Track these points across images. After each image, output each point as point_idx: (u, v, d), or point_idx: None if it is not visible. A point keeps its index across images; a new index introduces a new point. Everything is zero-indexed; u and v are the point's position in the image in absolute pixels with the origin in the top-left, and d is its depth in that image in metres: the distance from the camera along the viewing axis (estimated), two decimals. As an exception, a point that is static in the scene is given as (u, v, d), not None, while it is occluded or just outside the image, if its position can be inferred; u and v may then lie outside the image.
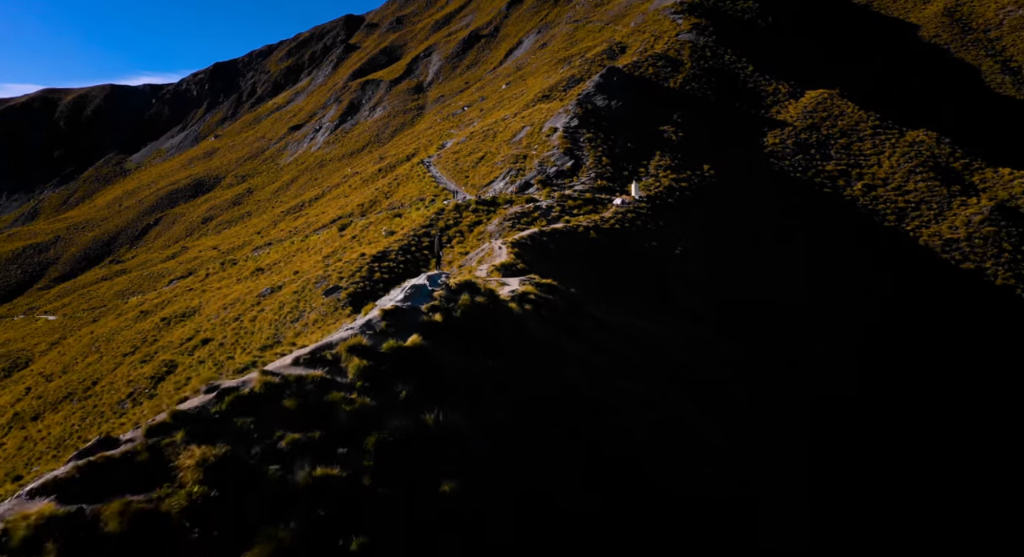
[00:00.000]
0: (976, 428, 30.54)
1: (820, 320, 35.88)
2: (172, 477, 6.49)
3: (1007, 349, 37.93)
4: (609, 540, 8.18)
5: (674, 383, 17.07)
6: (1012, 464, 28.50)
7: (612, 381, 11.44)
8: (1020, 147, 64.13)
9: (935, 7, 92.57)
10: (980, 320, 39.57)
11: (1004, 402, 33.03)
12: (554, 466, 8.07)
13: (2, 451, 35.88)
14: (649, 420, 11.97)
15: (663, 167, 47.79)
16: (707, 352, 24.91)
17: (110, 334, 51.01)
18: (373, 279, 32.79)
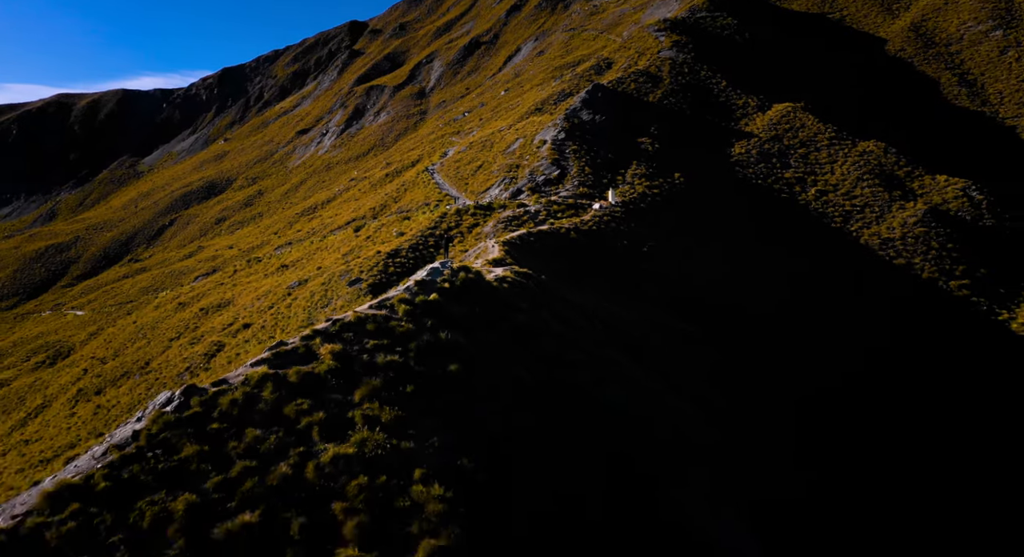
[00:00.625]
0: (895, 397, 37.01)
1: (767, 307, 42.36)
2: (319, 358, 13.02)
3: (933, 331, 44.39)
4: (551, 409, 14.72)
5: (615, 345, 23.61)
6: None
7: (553, 325, 17.90)
8: (964, 154, 70.61)
9: (902, 22, 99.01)
10: (910, 309, 46.09)
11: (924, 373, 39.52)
12: (516, 361, 14.59)
13: (78, 418, 42.53)
14: (588, 355, 18.49)
15: (638, 175, 54.33)
16: (657, 327, 31.40)
17: (153, 323, 57.65)
18: (388, 272, 39.35)
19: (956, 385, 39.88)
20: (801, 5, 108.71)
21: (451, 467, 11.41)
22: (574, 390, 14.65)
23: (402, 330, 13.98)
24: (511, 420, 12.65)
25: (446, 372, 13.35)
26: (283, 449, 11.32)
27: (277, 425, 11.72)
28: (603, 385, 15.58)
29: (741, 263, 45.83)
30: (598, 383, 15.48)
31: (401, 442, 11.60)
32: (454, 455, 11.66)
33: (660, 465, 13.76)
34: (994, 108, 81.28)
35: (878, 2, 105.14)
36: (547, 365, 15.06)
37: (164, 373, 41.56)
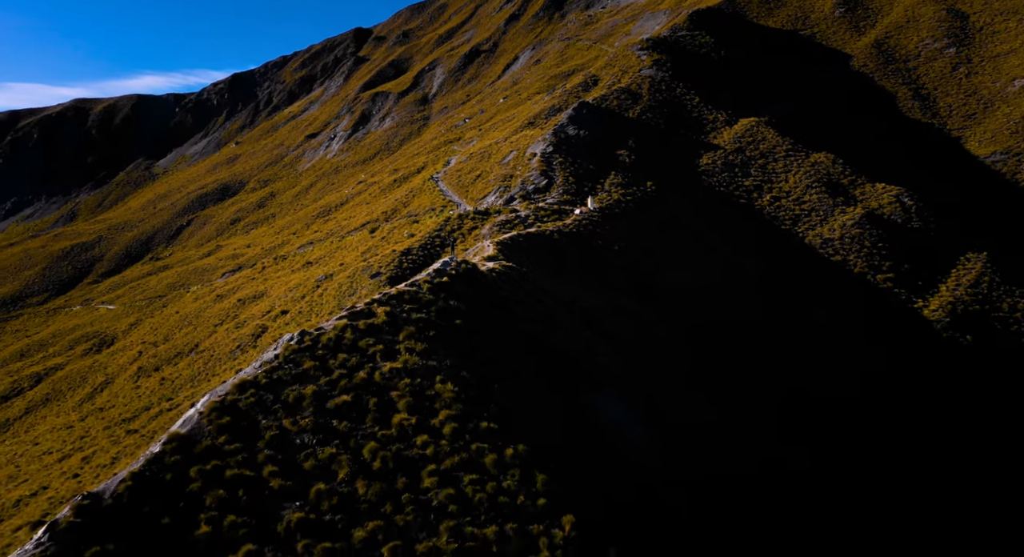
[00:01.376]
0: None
1: (714, 293, 50.52)
2: (376, 315, 21.17)
3: (862, 318, 52.52)
4: (515, 346, 22.95)
5: (574, 316, 31.80)
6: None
7: (524, 299, 25.98)
8: (913, 162, 78.73)
9: (867, 39, 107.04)
10: (841, 298, 54.27)
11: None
12: (496, 319, 22.72)
13: (145, 389, 50.83)
14: (545, 317, 26.70)
15: (615, 184, 62.50)
16: (615, 307, 39.56)
17: (196, 313, 65.93)
18: (403, 267, 47.59)
19: (877, 364, 48.04)
20: (777, 22, 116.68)
21: (457, 375, 19.66)
22: (530, 336, 22.79)
23: (426, 299, 22.21)
24: (490, 351, 20.83)
25: (453, 324, 21.56)
26: (360, 365, 19.57)
27: (355, 352, 19.97)
28: (550, 333, 23.69)
29: (696, 258, 54.01)
30: (547, 332, 23.60)
31: (427, 361, 19.86)
32: (458, 369, 19.92)
33: (581, 379, 21.86)
34: (943, 120, 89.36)
35: (846, 20, 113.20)
36: (515, 321, 23.23)
37: (217, 351, 49.79)
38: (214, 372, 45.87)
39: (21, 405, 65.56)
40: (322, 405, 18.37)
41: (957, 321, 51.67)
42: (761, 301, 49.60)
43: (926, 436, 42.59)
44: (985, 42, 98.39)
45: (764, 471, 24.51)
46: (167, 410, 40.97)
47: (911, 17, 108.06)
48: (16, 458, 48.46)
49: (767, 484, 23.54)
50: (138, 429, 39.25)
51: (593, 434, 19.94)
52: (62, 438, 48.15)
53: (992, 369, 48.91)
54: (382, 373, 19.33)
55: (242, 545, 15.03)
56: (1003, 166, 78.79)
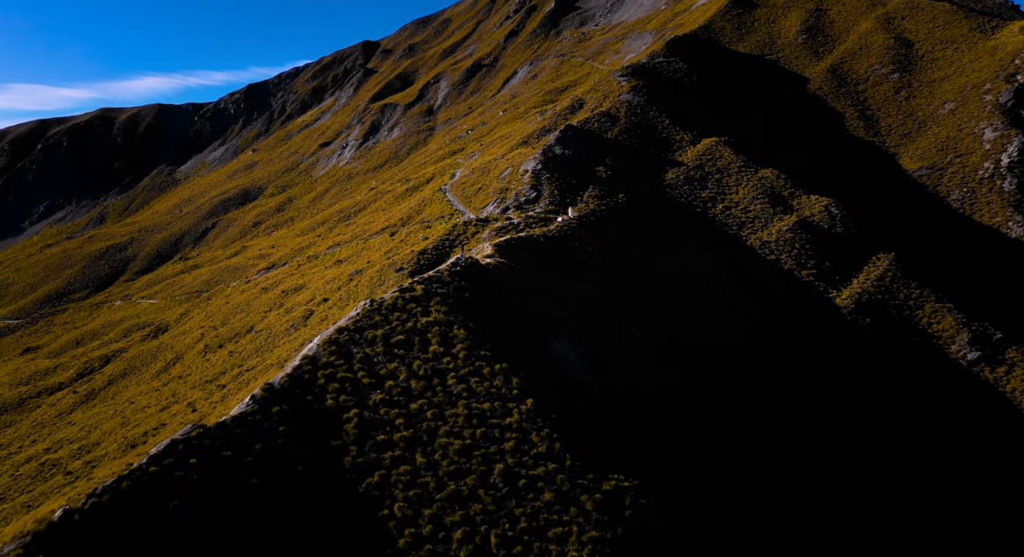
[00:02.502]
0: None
1: (666, 280, 62.85)
2: (415, 290, 33.52)
3: (785, 306, 64.82)
4: (503, 313, 35.48)
5: (551, 299, 44.28)
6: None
7: (511, 284, 38.17)
8: (850, 176, 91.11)
9: (824, 64, 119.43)
10: (772, 289, 66.63)
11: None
12: (491, 295, 35.01)
13: (215, 360, 63.37)
14: (525, 298, 39.19)
15: (592, 196, 74.94)
16: (584, 295, 51.91)
17: (245, 302, 78.50)
18: (420, 263, 60.03)
19: (793, 343, 60.37)
20: (747, 47, 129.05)
21: (467, 325, 32.19)
22: (513, 305, 35.23)
23: (446, 281, 34.71)
24: (487, 313, 33.33)
25: (464, 297, 34.07)
26: (408, 318, 32.10)
27: (405, 311, 32.49)
28: (525, 303, 36.05)
29: (656, 257, 66.44)
30: (523, 303, 35.98)
31: (448, 317, 32.40)
32: (467, 322, 32.44)
33: (544, 331, 34.22)
34: (883, 139, 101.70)
35: (808, 46, 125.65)
36: (503, 299, 35.73)
37: (273, 330, 62.31)
38: (275, 345, 58.33)
39: (101, 379, 78.20)
40: (387, 340, 30.92)
41: (861, 308, 64.10)
42: (704, 287, 62.08)
43: (828, 404, 54.94)
44: (925, 68, 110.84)
45: (662, 391, 36.86)
46: (245, 371, 53.47)
47: (864, 44, 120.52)
48: (118, 413, 61.12)
49: (657, 396, 35.90)
50: (225, 384, 51.80)
51: (549, 360, 32.42)
52: (154, 398, 60.77)
53: (885, 346, 61.33)
54: (421, 323, 31.89)
55: (351, 409, 27.57)
56: (927, 179, 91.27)
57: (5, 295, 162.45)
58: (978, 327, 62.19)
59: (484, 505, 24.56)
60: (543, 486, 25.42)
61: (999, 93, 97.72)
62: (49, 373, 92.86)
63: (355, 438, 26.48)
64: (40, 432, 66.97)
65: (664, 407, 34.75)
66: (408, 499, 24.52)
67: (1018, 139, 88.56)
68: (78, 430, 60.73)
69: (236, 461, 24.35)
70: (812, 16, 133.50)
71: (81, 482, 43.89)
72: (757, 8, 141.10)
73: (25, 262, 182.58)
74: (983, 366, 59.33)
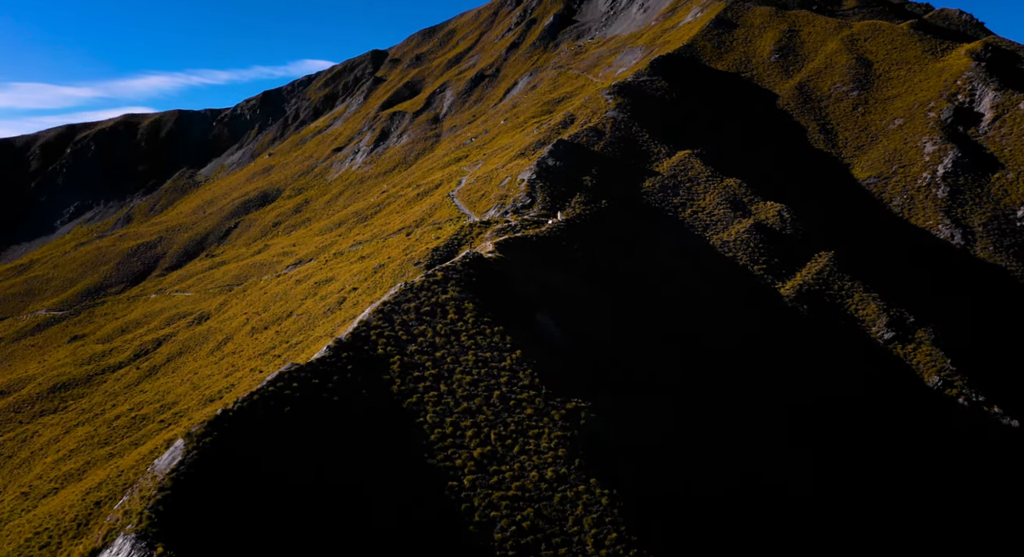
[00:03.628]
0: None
1: (638, 275, 74.73)
2: (436, 275, 45.57)
3: (738, 294, 76.71)
4: (500, 294, 47.63)
5: (543, 289, 56.36)
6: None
7: (506, 273, 49.95)
8: (809, 183, 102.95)
9: (793, 81, 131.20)
10: (727, 281, 78.53)
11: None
12: (491, 280, 46.99)
13: (264, 338, 75.50)
14: (518, 283, 51.24)
15: (579, 202, 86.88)
16: (569, 283, 63.84)
17: (282, 292, 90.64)
18: (434, 258, 72.03)
19: (753, 325, 72.26)
20: (724, 66, 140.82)
21: (474, 299, 44.31)
22: (508, 288, 47.26)
23: (459, 269, 46.74)
24: (489, 292, 45.38)
25: (472, 281, 46.11)
26: (432, 295, 44.23)
27: (429, 290, 44.61)
28: (519, 288, 48.05)
29: (631, 255, 78.37)
30: (517, 287, 47.96)
31: (460, 294, 44.53)
32: (474, 298, 44.54)
33: (532, 307, 46.19)
34: (839, 151, 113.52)
35: (779, 65, 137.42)
36: (501, 284, 47.75)
37: (312, 314, 74.39)
38: (316, 325, 70.40)
39: (160, 358, 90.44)
40: (418, 310, 43.04)
41: (801, 297, 76.07)
42: (669, 277, 74.11)
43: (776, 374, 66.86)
44: (881, 87, 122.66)
45: (612, 342, 48.99)
46: (294, 345, 65.57)
47: (829, 64, 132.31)
48: (185, 381, 73.32)
49: (607, 346, 48.01)
50: (280, 354, 63.91)
51: (534, 327, 44.51)
52: (215, 369, 72.92)
53: (822, 329, 73.26)
54: (442, 298, 44.02)
55: (395, 356, 39.67)
56: (874, 187, 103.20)
57: (46, 289, 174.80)
58: (895, 312, 74.11)
59: (486, 416, 36.72)
60: (526, 405, 37.56)
61: (941, 111, 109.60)
62: (106, 355, 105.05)
63: (398, 374, 38.64)
64: (116, 399, 79.28)
65: (613, 359, 46.85)
66: (436, 412, 36.67)
67: (953, 152, 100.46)
68: (152, 395, 72.98)
69: (322, 386, 36.51)
70: (785, 36, 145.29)
71: (175, 427, 55.96)
72: (736, 28, 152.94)
73: (62, 259, 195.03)
74: (896, 344, 71.28)
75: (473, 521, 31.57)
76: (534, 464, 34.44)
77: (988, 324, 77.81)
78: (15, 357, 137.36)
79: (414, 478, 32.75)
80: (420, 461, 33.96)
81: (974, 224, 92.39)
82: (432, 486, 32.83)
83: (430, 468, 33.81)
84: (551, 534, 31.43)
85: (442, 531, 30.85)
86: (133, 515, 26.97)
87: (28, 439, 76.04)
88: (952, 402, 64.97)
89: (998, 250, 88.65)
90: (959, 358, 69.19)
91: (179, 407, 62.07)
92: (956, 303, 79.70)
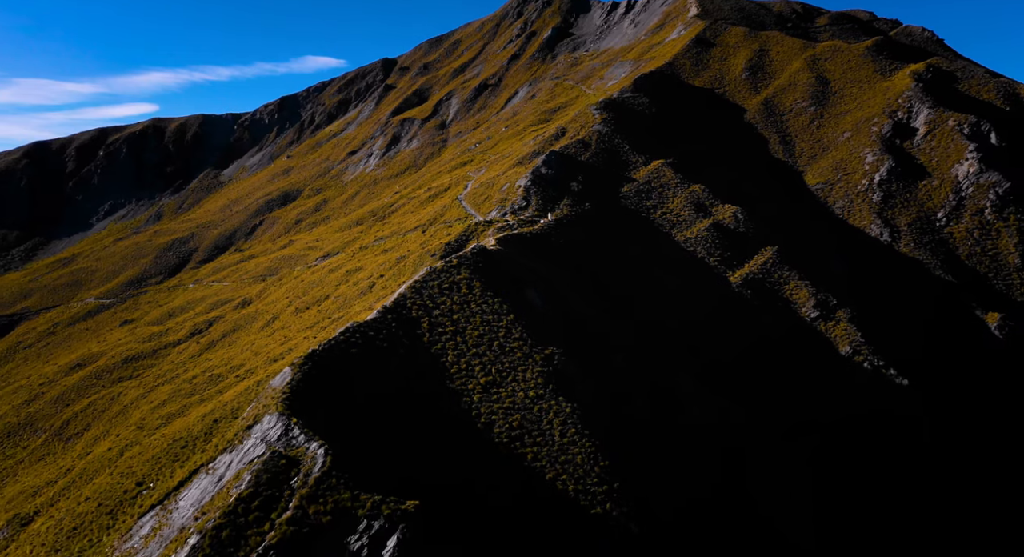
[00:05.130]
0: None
1: (612, 263, 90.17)
2: (454, 262, 61.14)
3: (698, 282, 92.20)
4: (499, 277, 63.43)
5: (533, 273, 72.08)
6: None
7: (507, 259, 65.31)
8: (756, 190, 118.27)
9: (760, 97, 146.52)
10: (692, 271, 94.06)
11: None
12: (492, 266, 62.44)
13: (307, 316, 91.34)
14: (518, 270, 66.94)
15: (567, 205, 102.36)
16: (555, 272, 79.38)
17: (318, 280, 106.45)
18: (447, 251, 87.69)
19: (709, 306, 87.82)
20: (701, 82, 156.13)
21: (481, 279, 60.13)
22: (504, 270, 62.81)
23: (469, 258, 62.34)
24: (490, 274, 61.02)
25: (478, 265, 61.74)
26: (449, 277, 60.05)
27: (446, 272, 60.40)
28: (513, 270, 63.57)
29: (609, 247, 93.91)
30: (512, 270, 63.50)
31: (470, 275, 60.30)
32: (481, 279, 60.32)
33: (522, 283, 61.73)
34: (795, 160, 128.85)
35: (749, 82, 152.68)
36: (499, 273, 63.31)
37: (348, 296, 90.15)
38: (352, 305, 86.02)
39: (215, 334, 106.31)
40: (440, 286, 58.80)
41: (746, 284, 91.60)
42: (638, 266, 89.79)
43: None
44: (835, 103, 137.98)
45: (585, 314, 64.58)
46: (336, 320, 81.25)
47: (792, 81, 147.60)
48: (246, 350, 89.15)
49: (579, 319, 63.67)
50: (326, 326, 79.59)
51: (523, 299, 60.18)
52: (270, 341, 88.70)
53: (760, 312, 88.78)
54: (457, 278, 59.76)
55: (423, 317, 55.47)
56: (821, 192, 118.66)
57: (92, 279, 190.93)
58: (822, 296, 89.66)
59: (488, 357, 52.55)
60: (516, 350, 53.37)
61: (883, 126, 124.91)
62: (163, 334, 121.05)
63: (427, 330, 54.45)
64: (185, 365, 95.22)
65: (581, 318, 62.57)
66: (454, 354, 52.48)
67: (888, 162, 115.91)
68: (218, 361, 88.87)
69: (376, 336, 52.32)
70: (756, 56, 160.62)
71: (248, 381, 71.66)
72: (713, 47, 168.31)
73: (103, 253, 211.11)
74: (820, 321, 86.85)
75: (480, 421, 47.37)
76: (521, 388, 50.29)
77: (899, 306, 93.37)
78: (73, 339, 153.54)
79: (442, 394, 48.65)
80: (443, 385, 49.84)
81: (901, 224, 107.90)
82: (453, 400, 48.71)
83: (451, 390, 49.64)
84: (532, 430, 47.24)
85: (463, 426, 46.74)
86: (270, 406, 42.80)
87: (116, 397, 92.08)
88: (858, 366, 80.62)
89: (918, 246, 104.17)
90: (868, 332, 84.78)
91: (247, 367, 77.88)
92: (875, 289, 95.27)
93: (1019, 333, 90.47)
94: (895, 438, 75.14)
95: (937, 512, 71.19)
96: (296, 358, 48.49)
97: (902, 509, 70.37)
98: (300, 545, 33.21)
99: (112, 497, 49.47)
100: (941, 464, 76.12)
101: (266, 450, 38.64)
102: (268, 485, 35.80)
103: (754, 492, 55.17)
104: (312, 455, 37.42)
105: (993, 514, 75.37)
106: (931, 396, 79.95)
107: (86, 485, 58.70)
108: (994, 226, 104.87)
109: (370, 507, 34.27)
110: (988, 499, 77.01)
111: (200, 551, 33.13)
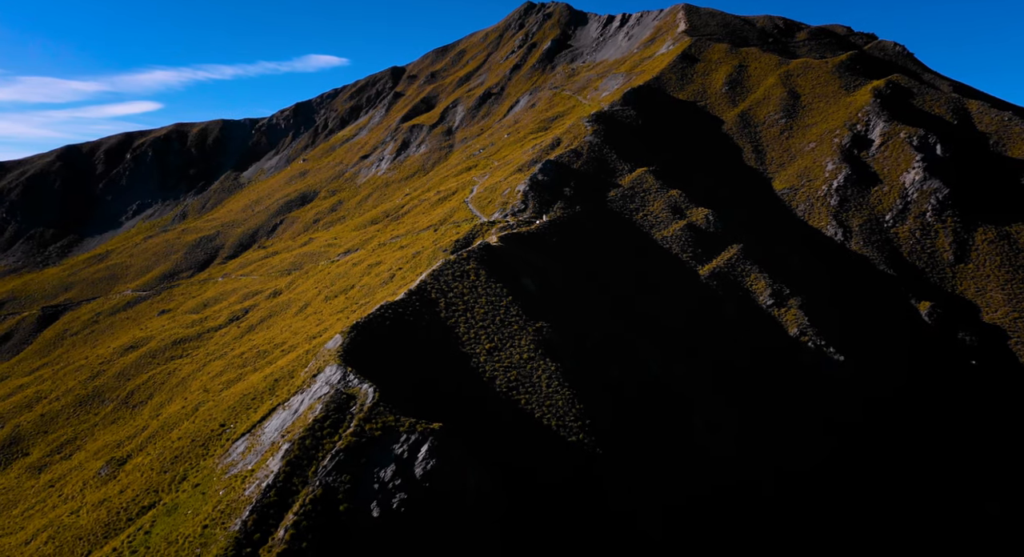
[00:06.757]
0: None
1: (600, 259, 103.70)
2: (464, 254, 74.72)
3: (673, 276, 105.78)
4: (501, 272, 77.18)
5: (528, 265, 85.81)
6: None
7: (507, 254, 78.74)
8: (729, 194, 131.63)
9: (737, 110, 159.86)
10: (666, 265, 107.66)
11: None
12: (495, 260, 75.91)
13: (336, 304, 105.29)
14: (519, 264, 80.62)
15: (560, 207, 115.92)
16: (551, 266, 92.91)
17: (343, 272, 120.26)
18: (457, 246, 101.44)
19: (691, 302, 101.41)
20: (685, 96, 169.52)
21: (485, 268, 73.90)
22: (508, 265, 76.39)
23: (476, 252, 76.00)
24: (493, 265, 74.67)
25: (484, 258, 75.41)
26: (460, 267, 73.81)
27: (458, 263, 74.16)
28: (511, 262, 77.08)
29: (595, 245, 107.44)
30: (510, 262, 76.99)
31: (477, 266, 74.10)
32: (485, 268, 74.08)
33: (518, 273, 75.24)
34: (766, 167, 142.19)
35: (728, 95, 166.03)
36: (501, 265, 76.86)
37: (371, 285, 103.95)
38: (376, 293, 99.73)
39: (253, 320, 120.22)
40: (452, 274, 72.50)
41: (712, 277, 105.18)
42: (620, 261, 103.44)
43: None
44: (804, 116, 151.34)
45: (565, 290, 78.22)
46: (364, 305, 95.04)
47: (767, 95, 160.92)
48: (284, 331, 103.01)
49: (562, 295, 77.26)
50: (355, 311, 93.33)
51: (519, 284, 73.80)
52: (305, 324, 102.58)
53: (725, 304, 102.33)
54: (466, 268, 73.49)
55: (440, 298, 69.27)
56: (787, 197, 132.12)
57: (127, 274, 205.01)
58: (777, 286, 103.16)
59: (492, 329, 66.36)
60: (513, 324, 67.16)
61: (843, 137, 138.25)
62: (204, 321, 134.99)
63: (444, 307, 68.26)
64: (230, 345, 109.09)
65: (567, 301, 76.25)
66: (464, 326, 66.28)
67: (845, 170, 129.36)
68: (261, 341, 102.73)
69: (404, 311, 66.11)
70: (736, 71, 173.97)
71: (292, 354, 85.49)
72: (697, 63, 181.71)
73: (134, 250, 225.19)
74: (774, 308, 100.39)
75: (485, 377, 61.17)
76: (517, 352, 64.10)
77: (845, 296, 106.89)
78: (116, 327, 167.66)
79: (456, 356, 62.48)
80: (457, 349, 63.68)
81: (853, 225, 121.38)
82: (463, 362, 62.51)
83: (462, 353, 63.47)
84: (525, 383, 61.04)
85: (473, 379, 60.52)
86: (329, 361, 56.63)
87: (172, 372, 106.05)
88: (803, 346, 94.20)
89: (867, 244, 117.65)
90: (815, 317, 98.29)
91: (289, 344, 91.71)
92: (825, 281, 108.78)
93: (945, 319, 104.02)
94: (833, 398, 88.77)
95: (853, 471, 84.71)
96: (344, 327, 62.31)
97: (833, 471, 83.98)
98: (360, 450, 47.03)
99: (201, 435, 63.38)
100: (871, 426, 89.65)
101: (330, 390, 52.49)
102: (335, 411, 49.67)
103: (699, 438, 68.90)
104: (365, 392, 51.27)
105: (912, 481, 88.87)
106: (864, 369, 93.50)
107: (171, 432, 72.62)
108: (933, 227, 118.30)
109: (408, 426, 48.07)
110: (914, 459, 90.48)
111: (291, 453, 46.99)
